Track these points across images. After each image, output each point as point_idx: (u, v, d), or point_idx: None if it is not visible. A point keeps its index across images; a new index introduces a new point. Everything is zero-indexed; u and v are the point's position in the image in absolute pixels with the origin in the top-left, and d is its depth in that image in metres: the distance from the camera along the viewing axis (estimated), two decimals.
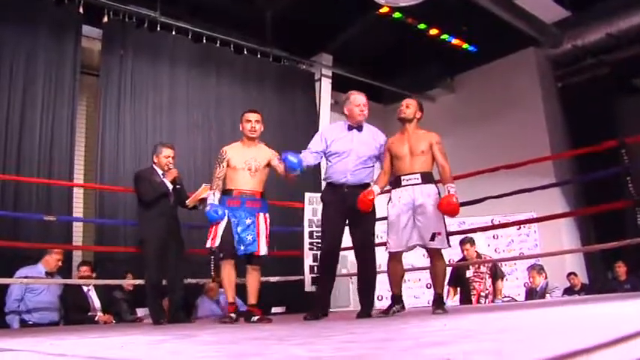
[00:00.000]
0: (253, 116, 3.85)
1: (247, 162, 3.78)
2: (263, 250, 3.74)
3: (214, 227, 3.69)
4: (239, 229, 3.67)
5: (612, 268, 6.74)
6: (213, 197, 3.75)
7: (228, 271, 3.71)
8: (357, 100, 3.78)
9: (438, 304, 3.39)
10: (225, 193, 3.76)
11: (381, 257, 3.76)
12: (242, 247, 3.67)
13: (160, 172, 4.35)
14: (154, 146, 4.60)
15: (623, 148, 4.22)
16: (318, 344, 1.66)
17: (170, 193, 4.30)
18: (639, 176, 4.20)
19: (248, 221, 3.70)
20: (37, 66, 5.44)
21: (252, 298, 3.77)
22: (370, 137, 3.81)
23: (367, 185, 3.70)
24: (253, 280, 3.79)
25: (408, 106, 3.57)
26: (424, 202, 3.34)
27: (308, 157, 3.77)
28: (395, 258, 3.50)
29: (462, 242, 5.94)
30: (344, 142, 3.78)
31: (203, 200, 4.43)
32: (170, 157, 4.38)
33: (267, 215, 3.83)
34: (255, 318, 3.63)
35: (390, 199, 3.53)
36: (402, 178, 3.46)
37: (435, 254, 3.44)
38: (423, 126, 3.65)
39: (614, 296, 4.52)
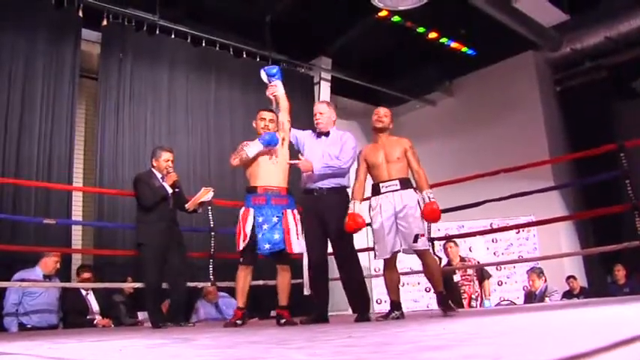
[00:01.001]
0: (267, 115, 3.78)
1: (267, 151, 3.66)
2: (296, 247, 3.55)
3: (242, 228, 3.52)
4: (265, 227, 3.50)
5: (611, 272, 6.73)
6: (253, 145, 3.57)
7: (244, 276, 3.61)
8: (313, 109, 3.95)
9: (445, 304, 3.38)
10: (250, 191, 3.64)
11: (378, 262, 3.75)
12: (267, 246, 3.48)
13: (158, 175, 4.36)
14: (153, 150, 4.60)
15: (622, 152, 4.22)
16: (316, 348, 1.66)
17: (169, 197, 4.30)
18: (638, 180, 4.21)
19: (275, 219, 3.53)
20: (35, 69, 5.44)
21: (282, 300, 3.62)
22: (338, 139, 3.88)
23: (335, 188, 3.74)
24: (283, 280, 3.63)
25: (387, 116, 3.63)
26: (405, 207, 3.38)
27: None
28: (388, 265, 3.50)
29: (445, 243, 6.09)
30: (312, 147, 3.89)
31: (202, 204, 4.45)
32: (170, 160, 4.38)
33: (296, 212, 3.65)
34: (283, 321, 3.50)
35: (370, 206, 3.55)
36: (381, 185, 3.49)
37: (423, 255, 3.46)
38: (422, 128, 3.67)
39: (613, 300, 4.52)
